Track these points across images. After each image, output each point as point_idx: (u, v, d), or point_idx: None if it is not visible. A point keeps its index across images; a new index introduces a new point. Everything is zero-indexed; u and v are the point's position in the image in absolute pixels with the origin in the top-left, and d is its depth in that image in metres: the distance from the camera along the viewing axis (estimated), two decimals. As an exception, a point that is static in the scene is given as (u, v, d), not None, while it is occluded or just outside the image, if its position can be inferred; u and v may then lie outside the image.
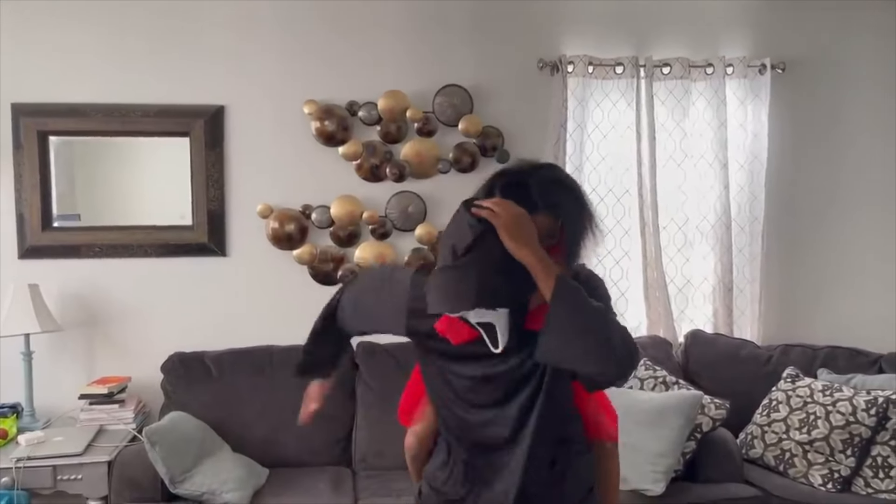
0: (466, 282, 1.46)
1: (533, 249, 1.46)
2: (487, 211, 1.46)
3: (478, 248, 1.47)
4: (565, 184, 1.59)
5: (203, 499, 2.71)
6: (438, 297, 1.50)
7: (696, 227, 3.71)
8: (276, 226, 3.47)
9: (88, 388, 3.17)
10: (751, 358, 3.46)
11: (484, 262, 1.47)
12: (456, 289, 1.48)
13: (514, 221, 1.46)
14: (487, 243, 1.46)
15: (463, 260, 1.47)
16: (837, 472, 2.86)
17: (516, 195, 1.51)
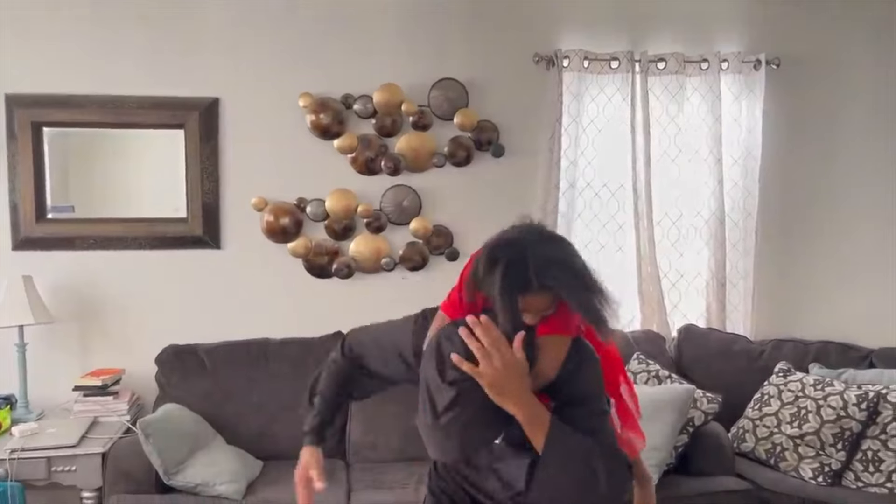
0: (450, 440, 1.44)
1: (520, 403, 1.43)
2: (470, 367, 1.41)
3: (459, 405, 1.42)
4: (564, 264, 1.51)
5: (197, 490, 2.71)
6: (427, 445, 1.49)
7: (689, 222, 3.73)
8: (270, 219, 3.47)
9: (82, 380, 3.17)
10: (743, 352, 3.48)
11: (466, 418, 1.43)
12: (442, 445, 1.47)
13: (499, 378, 1.41)
14: (468, 397, 1.42)
15: (444, 419, 1.43)
16: (828, 465, 2.88)
17: (515, 274, 1.46)
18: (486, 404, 1.43)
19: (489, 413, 1.45)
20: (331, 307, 3.53)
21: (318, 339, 3.35)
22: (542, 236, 1.57)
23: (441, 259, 3.63)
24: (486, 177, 3.62)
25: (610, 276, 3.62)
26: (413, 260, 3.59)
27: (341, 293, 3.56)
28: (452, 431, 1.45)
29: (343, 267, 3.54)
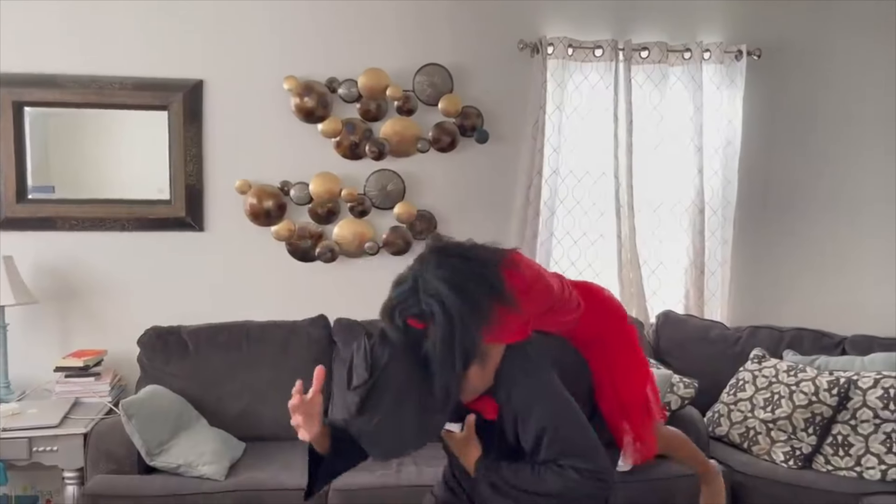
0: (377, 446, 1.57)
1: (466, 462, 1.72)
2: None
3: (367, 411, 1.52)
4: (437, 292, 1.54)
5: (179, 471, 2.73)
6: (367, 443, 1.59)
7: (670, 209, 3.77)
8: (254, 202, 3.48)
9: (64, 361, 3.17)
10: (720, 339, 3.54)
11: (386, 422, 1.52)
12: (372, 449, 1.60)
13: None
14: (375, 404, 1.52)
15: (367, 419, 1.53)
16: (799, 449, 2.95)
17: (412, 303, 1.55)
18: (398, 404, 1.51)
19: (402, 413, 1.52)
20: (314, 291, 3.54)
21: (301, 323, 3.37)
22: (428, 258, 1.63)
23: (424, 244, 3.64)
24: (469, 163, 3.64)
25: (591, 263, 3.73)
26: (396, 244, 3.61)
27: (324, 277, 3.57)
28: (376, 437, 1.55)
29: (326, 251, 3.56)
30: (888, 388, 2.91)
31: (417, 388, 1.53)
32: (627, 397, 1.87)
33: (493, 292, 1.56)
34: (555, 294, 1.77)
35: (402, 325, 1.55)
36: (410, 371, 1.53)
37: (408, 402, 1.53)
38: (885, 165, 3.87)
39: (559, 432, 1.61)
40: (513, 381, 1.65)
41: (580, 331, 1.85)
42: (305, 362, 3.28)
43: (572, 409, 1.66)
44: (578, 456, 1.60)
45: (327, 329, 3.39)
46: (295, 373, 3.25)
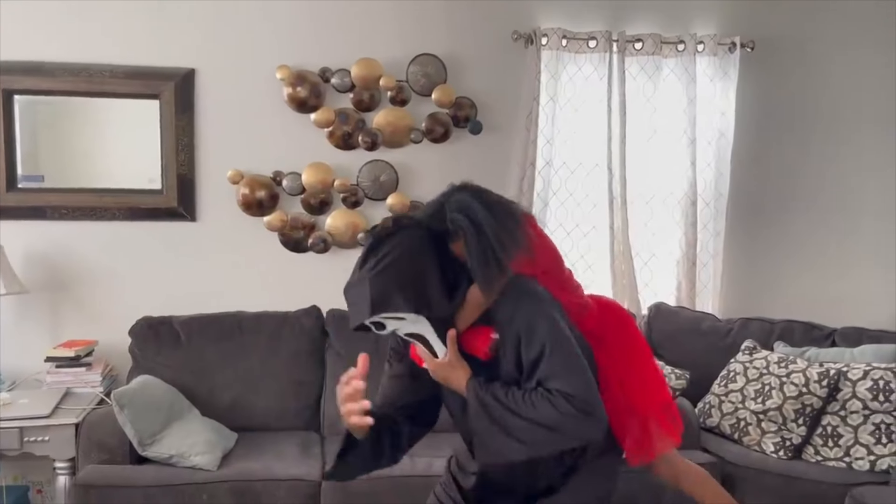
0: (364, 294, 1.54)
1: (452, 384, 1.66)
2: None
3: (385, 246, 1.56)
4: (471, 208, 1.61)
5: (172, 461, 2.73)
6: (349, 311, 1.60)
7: (662, 201, 3.78)
8: (246, 192, 3.46)
9: (55, 351, 3.15)
10: (711, 330, 3.56)
11: (383, 273, 1.54)
12: (355, 301, 1.57)
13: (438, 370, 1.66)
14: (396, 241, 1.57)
15: (361, 273, 1.56)
16: (789, 440, 2.97)
17: (438, 219, 1.62)
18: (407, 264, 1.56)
19: (410, 270, 1.56)
20: (306, 281, 3.53)
21: (293, 313, 3.36)
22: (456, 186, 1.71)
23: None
24: (463, 154, 3.63)
25: (583, 254, 3.73)
26: (389, 235, 3.60)
27: (317, 268, 3.56)
28: (366, 283, 1.56)
29: (319, 241, 3.55)
30: (877, 380, 2.93)
31: (428, 258, 1.58)
32: (636, 397, 1.85)
33: (516, 223, 1.63)
34: (559, 263, 1.83)
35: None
36: (426, 243, 1.59)
37: (413, 262, 1.56)
38: (878, 158, 3.88)
39: (558, 356, 1.58)
40: (518, 298, 1.63)
41: (588, 321, 1.84)
42: (297, 353, 3.28)
43: (571, 340, 1.63)
44: (571, 383, 1.56)
45: (320, 320, 3.38)
46: (287, 363, 3.30)
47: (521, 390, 1.58)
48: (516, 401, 1.56)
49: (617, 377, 1.83)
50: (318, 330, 3.36)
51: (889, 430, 2.88)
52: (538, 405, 1.54)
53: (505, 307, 1.63)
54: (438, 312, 1.59)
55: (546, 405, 1.54)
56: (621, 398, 1.81)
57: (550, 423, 1.54)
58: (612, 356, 1.83)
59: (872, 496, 2.60)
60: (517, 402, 1.56)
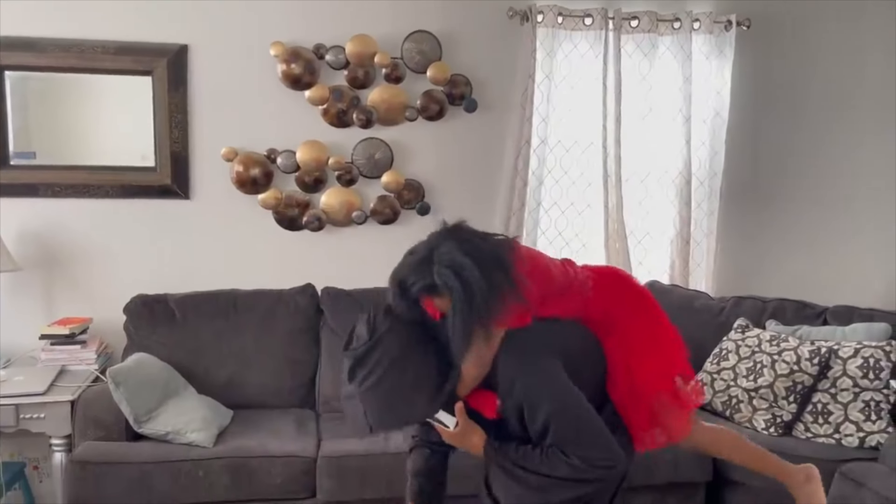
0: (361, 411, 1.64)
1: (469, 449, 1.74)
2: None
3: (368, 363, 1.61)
4: (461, 265, 1.58)
5: (168, 438, 2.74)
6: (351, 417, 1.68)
7: (657, 180, 3.78)
8: (240, 169, 3.44)
9: (49, 329, 3.15)
10: (704, 309, 3.58)
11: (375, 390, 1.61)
12: (354, 416, 1.66)
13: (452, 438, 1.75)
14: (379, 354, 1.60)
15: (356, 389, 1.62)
16: (780, 417, 3.00)
17: (425, 273, 1.59)
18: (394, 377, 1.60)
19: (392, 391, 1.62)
20: (301, 260, 3.54)
21: (288, 291, 3.37)
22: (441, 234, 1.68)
23: (412, 213, 3.64)
24: (458, 131, 3.62)
25: (578, 233, 3.74)
26: (384, 214, 3.60)
27: (312, 246, 3.56)
28: (366, 404, 1.64)
29: (314, 219, 3.54)
30: (868, 358, 2.96)
31: (412, 362, 1.59)
32: (643, 382, 1.86)
33: (507, 275, 1.60)
34: (555, 281, 1.80)
35: (413, 299, 1.60)
36: (408, 344, 1.60)
37: (400, 372, 1.58)
38: (875, 138, 3.89)
39: (565, 423, 1.64)
40: (516, 371, 1.67)
41: (593, 312, 1.86)
42: (292, 331, 3.29)
43: (577, 399, 1.67)
44: (585, 446, 1.62)
45: (315, 298, 3.39)
46: (282, 341, 3.30)
47: (536, 448, 1.65)
48: (532, 460, 1.64)
49: (625, 364, 1.84)
50: (313, 308, 3.37)
51: (878, 408, 2.91)
52: (555, 465, 1.62)
53: (503, 377, 1.68)
54: (437, 404, 1.66)
55: (563, 466, 1.62)
56: (627, 385, 1.84)
57: (570, 477, 1.62)
58: (623, 340, 1.85)
59: (861, 472, 2.64)
60: (534, 461, 1.64)
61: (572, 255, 3.78)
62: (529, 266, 1.72)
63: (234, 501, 2.66)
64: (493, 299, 1.57)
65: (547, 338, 1.74)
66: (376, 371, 1.59)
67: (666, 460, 2.84)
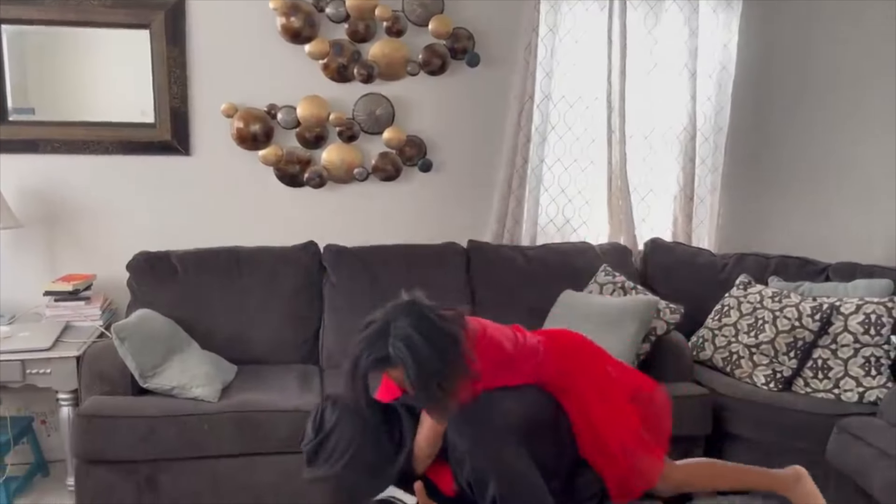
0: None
1: None
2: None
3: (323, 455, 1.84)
4: (412, 341, 1.72)
5: (173, 393, 2.76)
6: None
7: (661, 136, 3.75)
8: (240, 125, 3.41)
9: (53, 285, 3.16)
10: (707, 266, 3.58)
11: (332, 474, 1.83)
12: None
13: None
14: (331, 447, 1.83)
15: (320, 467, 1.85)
16: (780, 372, 3.03)
17: (380, 346, 1.74)
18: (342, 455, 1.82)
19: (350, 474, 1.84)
20: (303, 216, 3.53)
21: (290, 249, 3.36)
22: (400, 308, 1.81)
23: (414, 170, 3.62)
24: (460, 86, 3.57)
25: (581, 190, 3.72)
26: (386, 170, 3.58)
27: (313, 203, 3.55)
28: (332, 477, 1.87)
29: (315, 176, 3.52)
30: (869, 314, 2.97)
31: (364, 446, 1.81)
32: (605, 434, 1.96)
33: (457, 352, 1.74)
34: (505, 351, 1.92)
35: (364, 374, 1.77)
36: (358, 431, 1.80)
37: (353, 460, 1.79)
38: (882, 94, 3.82)
39: (509, 499, 1.76)
40: (463, 446, 1.80)
41: (546, 375, 1.98)
42: (295, 288, 3.30)
43: (521, 475, 1.79)
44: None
45: (317, 255, 3.39)
46: (285, 298, 3.31)
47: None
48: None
49: (585, 419, 1.96)
50: (316, 265, 3.37)
51: (879, 363, 2.93)
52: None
53: (452, 451, 1.83)
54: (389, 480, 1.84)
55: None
56: (591, 438, 1.95)
57: None
58: (579, 397, 1.97)
59: (859, 426, 2.66)
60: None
61: (575, 212, 3.77)
62: (480, 339, 1.87)
63: (240, 454, 2.69)
64: (445, 375, 1.71)
65: (497, 410, 1.85)
66: (330, 462, 1.81)
67: (666, 415, 2.87)
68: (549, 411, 1.94)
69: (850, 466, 2.61)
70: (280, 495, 2.73)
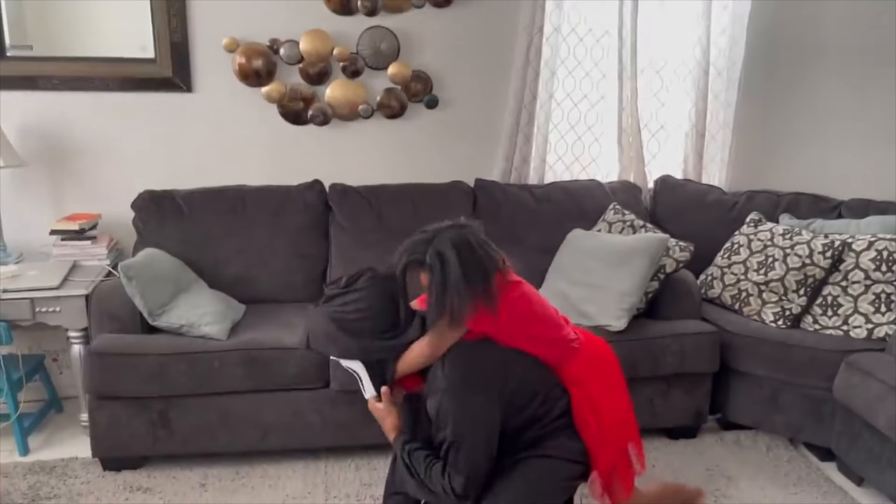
0: (311, 324, 2.00)
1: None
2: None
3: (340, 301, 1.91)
4: (446, 255, 1.82)
5: (182, 331, 2.77)
6: None
7: (673, 70, 3.66)
8: (242, 61, 3.34)
9: (59, 224, 3.14)
10: (717, 203, 3.54)
11: (330, 315, 1.92)
12: (307, 325, 2.03)
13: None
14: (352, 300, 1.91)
15: (322, 309, 1.95)
16: (789, 310, 3.01)
17: (422, 251, 1.85)
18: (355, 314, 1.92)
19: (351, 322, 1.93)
20: (307, 155, 3.48)
21: (296, 187, 3.33)
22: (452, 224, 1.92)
23: (420, 107, 3.55)
24: (467, 19, 3.47)
25: (591, 126, 3.65)
26: (391, 107, 3.51)
27: (317, 140, 3.50)
28: (313, 318, 2.03)
29: (319, 113, 3.46)
30: (881, 251, 2.94)
31: (376, 317, 1.90)
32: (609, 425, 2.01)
33: (483, 283, 1.83)
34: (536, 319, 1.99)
35: (401, 270, 1.89)
36: (379, 303, 1.91)
37: (363, 319, 1.89)
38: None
39: (459, 450, 1.82)
40: (444, 385, 1.84)
41: (573, 371, 2.01)
42: (301, 227, 3.28)
43: (478, 438, 1.83)
44: (460, 476, 1.81)
45: (322, 194, 3.36)
46: (291, 237, 3.31)
47: (428, 457, 1.87)
48: (418, 462, 1.88)
49: (591, 407, 1.99)
50: (322, 204, 3.34)
51: (889, 300, 2.91)
52: (434, 479, 1.84)
53: (432, 381, 1.89)
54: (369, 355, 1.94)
55: (438, 481, 1.84)
56: (597, 432, 1.99)
57: (436, 495, 1.87)
58: (591, 396, 2.00)
59: (867, 362, 2.66)
60: (419, 464, 1.88)
61: (584, 149, 3.71)
62: (511, 296, 1.94)
63: (250, 391, 2.72)
64: (464, 296, 1.79)
65: (492, 362, 1.89)
66: (348, 307, 1.90)
67: (673, 351, 2.88)
68: (546, 384, 1.98)
69: (856, 402, 2.62)
70: (289, 431, 2.78)
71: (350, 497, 2.64)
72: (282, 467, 2.82)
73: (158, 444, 2.73)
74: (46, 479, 2.72)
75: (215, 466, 2.81)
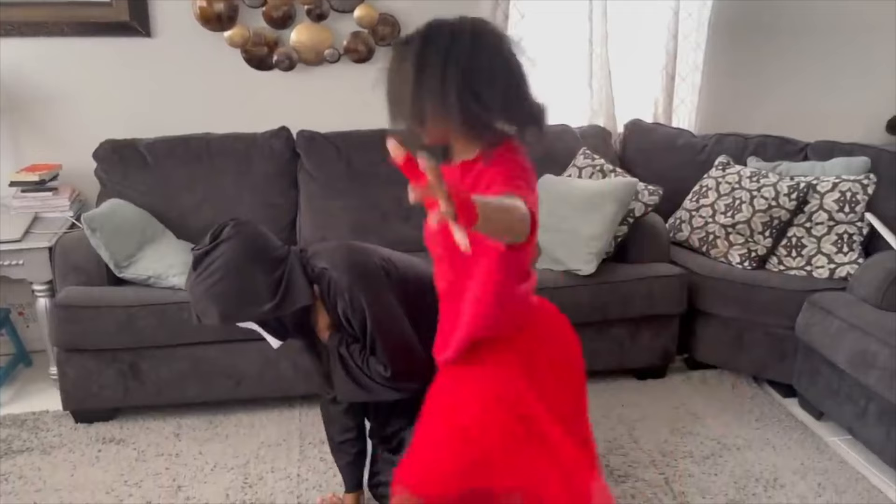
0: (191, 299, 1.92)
1: None
2: None
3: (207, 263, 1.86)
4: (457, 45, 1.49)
5: (150, 282, 2.75)
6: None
7: (644, 11, 3.61)
8: (203, 4, 3.23)
9: (18, 176, 3.06)
10: (686, 147, 3.55)
11: (196, 282, 1.87)
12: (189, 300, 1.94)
13: None
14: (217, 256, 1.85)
15: (191, 279, 1.90)
16: (755, 251, 3.06)
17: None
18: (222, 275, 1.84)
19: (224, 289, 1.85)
20: (273, 101, 3.41)
21: (262, 135, 3.27)
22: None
23: (388, 51, 3.47)
24: (435, -41, 3.37)
25: (560, 70, 3.61)
26: (358, 52, 3.44)
27: (283, 86, 3.42)
28: (193, 292, 1.90)
29: (284, 58, 3.38)
30: (845, 192, 2.98)
31: (243, 273, 1.84)
32: None
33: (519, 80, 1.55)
34: (524, 178, 1.51)
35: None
36: (244, 256, 1.85)
37: (229, 278, 1.83)
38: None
39: (381, 339, 1.88)
40: (346, 285, 1.89)
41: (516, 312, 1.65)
42: (268, 175, 3.23)
43: (397, 320, 1.90)
44: (389, 365, 1.88)
45: (290, 141, 3.30)
46: (259, 186, 3.26)
47: (363, 350, 1.91)
48: (354, 355, 1.92)
49: None
50: (290, 151, 3.29)
51: (851, 240, 2.97)
52: (370, 365, 1.90)
53: (337, 283, 1.90)
54: (254, 317, 1.89)
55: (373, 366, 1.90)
56: None
57: (367, 387, 1.94)
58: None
59: (828, 300, 2.73)
60: (357, 358, 1.92)
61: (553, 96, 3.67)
62: (517, 159, 1.55)
63: (221, 341, 2.72)
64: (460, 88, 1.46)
65: (398, 260, 1.98)
66: (210, 270, 1.83)
67: (641, 293, 2.92)
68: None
69: (817, 340, 2.69)
70: (261, 380, 2.79)
71: (325, 443, 2.66)
72: (256, 415, 2.84)
73: (130, 396, 2.73)
74: (18, 432, 2.71)
75: (189, 416, 2.82)
